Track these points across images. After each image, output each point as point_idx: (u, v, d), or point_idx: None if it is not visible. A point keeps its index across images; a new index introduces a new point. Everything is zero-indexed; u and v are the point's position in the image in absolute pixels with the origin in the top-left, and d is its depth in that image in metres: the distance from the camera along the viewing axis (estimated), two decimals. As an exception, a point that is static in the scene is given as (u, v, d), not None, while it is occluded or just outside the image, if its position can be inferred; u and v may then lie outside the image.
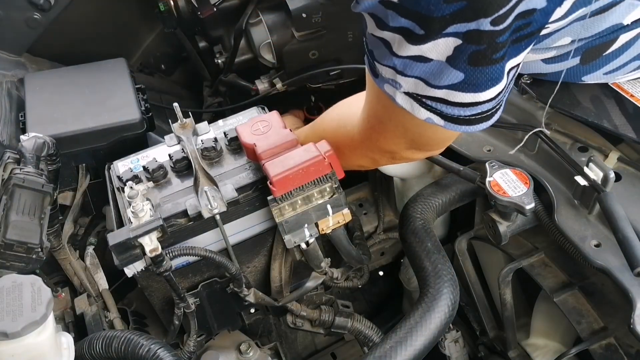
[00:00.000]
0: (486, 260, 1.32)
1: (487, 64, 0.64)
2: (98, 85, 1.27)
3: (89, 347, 0.93)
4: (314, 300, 1.21)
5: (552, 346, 1.24)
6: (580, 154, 1.00)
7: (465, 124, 0.73)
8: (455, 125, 0.73)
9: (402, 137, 0.84)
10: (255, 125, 1.02)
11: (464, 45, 0.61)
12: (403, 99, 0.73)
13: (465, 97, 0.68)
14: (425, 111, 0.72)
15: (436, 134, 0.82)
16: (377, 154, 0.94)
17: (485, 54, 0.62)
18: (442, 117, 0.72)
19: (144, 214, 0.92)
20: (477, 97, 0.68)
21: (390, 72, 0.71)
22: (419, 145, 0.86)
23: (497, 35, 0.60)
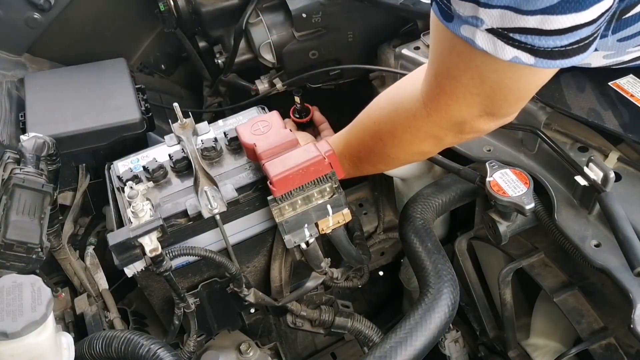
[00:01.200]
0: (486, 260, 1.32)
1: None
2: (98, 85, 1.27)
3: (89, 347, 0.93)
4: (314, 300, 1.21)
5: (552, 346, 1.24)
6: (580, 154, 1.00)
7: (560, 57, 0.64)
8: (549, 61, 0.64)
9: (477, 94, 0.76)
10: (255, 125, 1.02)
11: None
12: (484, 39, 0.65)
13: (564, 21, 0.60)
14: (511, 49, 0.64)
15: (520, 81, 0.73)
16: (443, 130, 0.85)
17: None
18: (532, 53, 0.64)
19: (144, 214, 0.92)
20: (578, 18, 0.60)
21: (470, 8, 0.64)
22: (496, 106, 0.78)
23: None
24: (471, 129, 0.83)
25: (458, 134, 0.86)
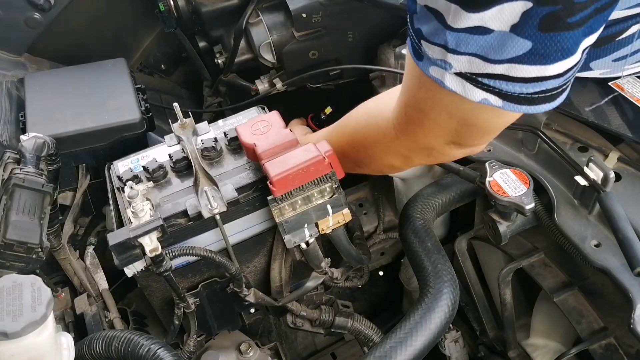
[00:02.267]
0: (486, 260, 1.32)
1: (560, 29, 0.55)
2: (98, 85, 1.27)
3: (89, 347, 0.93)
4: (314, 300, 1.21)
5: (552, 346, 1.24)
6: (580, 154, 1.00)
7: (527, 104, 0.65)
8: (515, 105, 0.65)
9: (445, 128, 0.76)
10: (255, 125, 1.02)
11: (535, 9, 0.54)
12: (453, 81, 0.65)
13: (530, 71, 0.60)
14: (480, 92, 0.64)
15: (489, 120, 0.73)
16: (412, 151, 0.87)
17: (559, 17, 0.54)
18: (500, 97, 0.64)
19: (144, 214, 0.92)
20: (544, 70, 0.60)
21: (439, 52, 0.64)
22: (463, 138, 0.78)
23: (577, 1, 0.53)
24: (439, 154, 0.84)
25: (426, 157, 0.87)
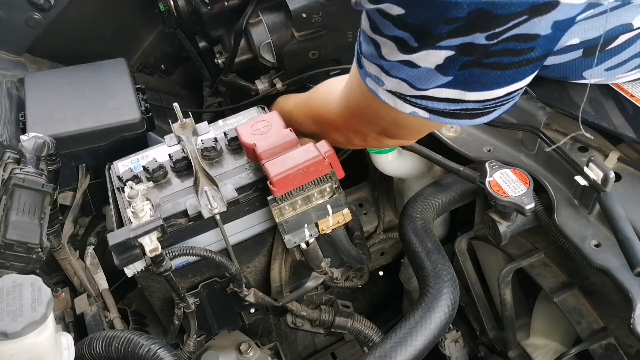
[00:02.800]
0: (486, 260, 1.32)
1: (477, 67, 0.64)
2: (98, 85, 1.27)
3: (89, 347, 0.93)
4: (314, 300, 1.21)
5: (552, 346, 1.24)
6: (580, 154, 1.00)
7: (451, 117, 0.72)
8: (441, 118, 0.73)
9: (377, 124, 0.86)
10: (255, 125, 1.02)
11: (456, 56, 0.62)
12: (386, 95, 0.73)
13: (452, 94, 0.68)
14: (409, 106, 0.72)
15: (418, 125, 0.83)
16: (350, 133, 0.97)
17: (476, 62, 0.63)
18: (427, 111, 0.72)
19: (144, 214, 0.92)
20: (464, 95, 0.68)
21: (375, 70, 0.71)
22: (394, 134, 0.88)
23: (491, 47, 0.60)
24: (372, 140, 0.93)
25: (362, 141, 0.97)
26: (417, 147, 1.09)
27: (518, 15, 0.56)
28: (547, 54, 0.64)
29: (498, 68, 0.64)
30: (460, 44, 0.60)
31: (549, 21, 0.58)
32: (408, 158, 1.24)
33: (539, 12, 0.57)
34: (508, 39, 0.59)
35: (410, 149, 1.10)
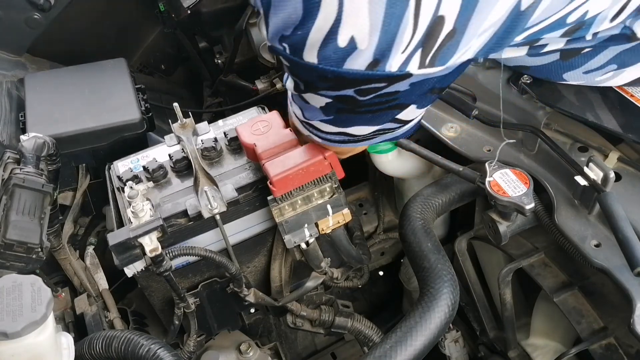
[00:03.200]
0: (486, 260, 1.32)
1: (352, 113, 0.76)
2: (98, 85, 1.27)
3: (89, 347, 0.93)
4: (314, 300, 1.21)
5: (552, 346, 1.24)
6: (580, 154, 1.00)
7: (338, 143, 0.88)
8: (330, 143, 0.89)
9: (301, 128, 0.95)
10: (255, 125, 1.02)
11: (334, 103, 0.74)
12: (294, 117, 0.89)
13: (333, 129, 0.83)
14: (305, 129, 0.89)
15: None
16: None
17: (351, 109, 0.75)
18: (317, 137, 0.89)
19: (144, 214, 0.92)
20: (343, 129, 0.82)
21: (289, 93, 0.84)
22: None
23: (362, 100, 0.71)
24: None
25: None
26: (417, 148, 1.09)
27: (378, 81, 0.68)
28: (411, 101, 0.76)
29: (369, 112, 0.76)
30: (336, 95, 0.72)
31: (406, 84, 0.69)
32: (408, 158, 1.23)
33: (396, 81, 0.68)
34: (375, 96, 0.71)
35: (410, 149, 1.10)
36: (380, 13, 0.60)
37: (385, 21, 0.60)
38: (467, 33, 0.64)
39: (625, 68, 0.88)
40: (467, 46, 0.67)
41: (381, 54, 0.63)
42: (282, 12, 0.63)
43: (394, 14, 0.60)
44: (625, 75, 0.90)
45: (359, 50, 0.63)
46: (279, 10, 0.64)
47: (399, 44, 0.63)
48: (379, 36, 0.62)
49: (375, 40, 0.62)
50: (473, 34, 0.65)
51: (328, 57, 0.64)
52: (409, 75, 0.66)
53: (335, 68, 0.65)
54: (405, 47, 0.63)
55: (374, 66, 0.65)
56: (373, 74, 0.65)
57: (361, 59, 0.64)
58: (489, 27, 0.66)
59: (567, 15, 0.74)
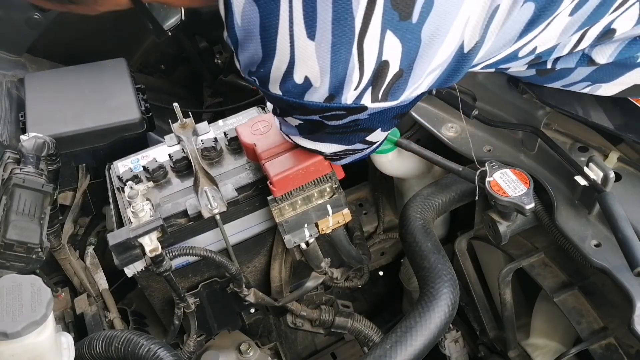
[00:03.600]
0: (486, 260, 1.32)
1: (323, 133, 0.85)
2: (98, 85, 1.27)
3: (89, 347, 0.93)
4: (314, 300, 1.21)
5: (552, 346, 1.24)
6: (580, 154, 1.00)
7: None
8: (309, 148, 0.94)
9: None
10: (255, 125, 1.02)
11: (305, 125, 0.84)
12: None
13: (309, 144, 0.91)
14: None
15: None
16: None
17: (321, 130, 0.83)
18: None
19: (144, 214, 0.92)
20: (317, 146, 0.91)
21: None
22: None
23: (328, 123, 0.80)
24: None
25: None
26: (417, 148, 1.09)
27: (337, 110, 0.75)
28: (375, 127, 0.84)
29: (337, 133, 0.84)
30: (305, 119, 0.81)
31: (364, 114, 0.76)
32: (408, 158, 1.23)
33: (354, 112, 0.75)
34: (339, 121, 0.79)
35: (410, 149, 1.10)
36: (327, 59, 0.68)
37: (333, 65, 0.68)
38: (414, 74, 0.72)
39: (601, 84, 0.91)
40: (417, 84, 0.74)
41: (335, 90, 0.71)
42: (247, 52, 0.72)
43: (339, 60, 0.68)
44: (604, 89, 0.92)
45: (314, 87, 0.71)
46: (244, 50, 0.72)
47: (349, 83, 0.71)
48: (330, 77, 0.70)
49: (327, 80, 0.70)
50: (420, 74, 0.72)
51: (289, 91, 0.73)
52: (365, 107, 0.74)
53: (297, 100, 0.74)
54: (357, 85, 0.71)
55: (330, 100, 0.73)
56: (331, 105, 0.73)
57: (318, 93, 0.72)
58: (436, 67, 0.73)
59: (517, 51, 0.80)
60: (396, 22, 0.66)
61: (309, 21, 0.66)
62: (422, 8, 0.66)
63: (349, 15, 0.65)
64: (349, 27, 0.66)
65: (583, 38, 0.81)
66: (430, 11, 0.67)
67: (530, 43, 0.79)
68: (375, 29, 0.66)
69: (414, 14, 0.66)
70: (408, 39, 0.68)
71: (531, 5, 0.72)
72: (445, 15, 0.68)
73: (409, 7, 0.66)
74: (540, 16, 0.73)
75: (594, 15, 0.76)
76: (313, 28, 0.66)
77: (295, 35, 0.67)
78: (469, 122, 1.13)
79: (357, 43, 0.67)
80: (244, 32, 0.70)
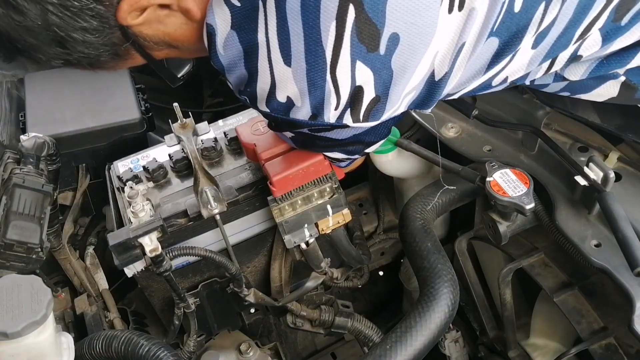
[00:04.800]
0: (486, 260, 1.32)
1: (312, 146, 0.91)
2: (98, 85, 1.27)
3: (89, 347, 0.93)
4: (314, 300, 1.21)
5: (552, 346, 1.24)
6: (580, 154, 1.00)
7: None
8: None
9: None
10: (255, 125, 1.02)
11: (296, 137, 0.89)
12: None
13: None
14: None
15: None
16: None
17: (310, 142, 0.89)
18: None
19: (144, 214, 0.92)
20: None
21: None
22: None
23: (318, 135, 0.84)
24: None
25: None
26: (417, 148, 1.09)
27: (323, 126, 0.79)
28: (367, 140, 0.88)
29: (326, 145, 0.88)
30: (296, 131, 0.85)
31: (349, 132, 0.82)
32: (408, 158, 1.23)
33: (338, 128, 0.80)
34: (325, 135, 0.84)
35: (410, 149, 1.10)
36: (304, 84, 0.73)
37: (310, 89, 0.74)
38: (391, 99, 0.77)
39: (579, 95, 0.93)
40: (395, 107, 0.79)
41: (316, 110, 0.76)
42: (234, 74, 0.78)
43: (316, 85, 0.73)
44: (586, 97, 0.94)
45: (297, 106, 0.76)
46: (232, 73, 0.78)
47: (328, 104, 0.75)
48: (309, 99, 0.75)
49: (307, 101, 0.75)
50: (397, 99, 0.77)
51: (276, 109, 0.78)
52: (347, 126, 0.79)
53: (284, 116, 0.78)
54: (336, 106, 0.76)
55: (314, 118, 0.77)
56: (315, 123, 0.78)
57: (301, 112, 0.77)
58: (412, 90, 0.78)
59: (490, 80, 0.85)
60: (365, 53, 0.71)
61: (284, 50, 0.72)
62: (387, 42, 0.71)
63: (319, 47, 0.70)
64: (321, 57, 0.71)
65: (553, 64, 0.85)
66: (397, 45, 0.71)
67: (501, 74, 0.83)
68: (345, 60, 0.71)
69: (380, 47, 0.71)
70: (378, 69, 0.73)
71: (495, 40, 0.77)
72: (413, 51, 0.72)
73: (375, 41, 0.70)
74: (505, 50, 0.78)
75: (556, 46, 0.81)
76: (288, 56, 0.72)
77: (274, 61, 0.73)
78: (468, 122, 1.13)
79: (330, 71, 0.72)
80: (228, 59, 0.76)
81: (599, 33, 0.82)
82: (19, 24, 0.71)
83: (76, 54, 0.76)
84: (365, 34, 0.69)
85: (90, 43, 0.75)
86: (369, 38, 0.70)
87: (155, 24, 0.77)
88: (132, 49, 0.80)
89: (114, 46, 0.78)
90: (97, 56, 0.78)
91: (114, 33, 0.76)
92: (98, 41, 0.75)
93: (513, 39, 0.77)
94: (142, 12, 0.74)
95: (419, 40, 0.71)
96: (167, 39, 0.80)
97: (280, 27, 0.70)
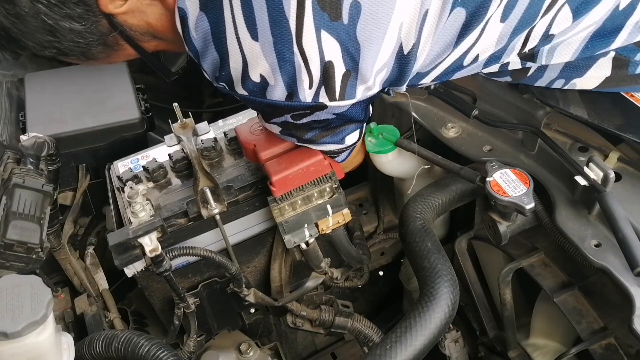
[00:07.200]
0: (486, 260, 1.32)
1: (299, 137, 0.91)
2: (98, 85, 1.27)
3: (89, 347, 0.93)
4: (314, 300, 1.21)
5: (552, 346, 1.24)
6: (580, 154, 1.00)
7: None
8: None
9: None
10: (255, 125, 1.02)
11: (283, 129, 0.90)
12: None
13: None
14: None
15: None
16: None
17: (297, 132, 0.90)
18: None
19: (144, 214, 0.92)
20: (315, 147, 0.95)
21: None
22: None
23: (299, 123, 0.85)
24: None
25: None
26: (417, 148, 1.09)
27: (302, 109, 0.80)
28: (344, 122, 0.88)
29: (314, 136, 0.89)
30: (282, 121, 0.86)
31: (328, 112, 0.82)
32: (408, 158, 1.23)
33: (316, 109, 0.80)
34: (311, 121, 0.85)
35: (410, 149, 1.10)
36: (273, 57, 0.73)
37: (280, 64, 0.74)
38: (361, 73, 0.77)
39: (574, 80, 0.94)
40: (368, 83, 0.79)
41: (290, 88, 0.77)
42: (207, 59, 0.78)
43: (285, 58, 0.73)
44: (581, 83, 0.95)
45: (271, 85, 0.77)
46: (205, 58, 0.78)
47: (301, 81, 0.76)
48: (281, 75, 0.75)
49: (279, 78, 0.75)
50: (367, 74, 0.78)
51: (252, 90, 0.78)
52: (324, 105, 0.79)
53: (262, 99, 0.79)
54: (309, 84, 0.76)
55: (290, 98, 0.78)
56: (292, 104, 0.79)
57: (277, 92, 0.77)
58: (383, 67, 0.79)
59: (461, 59, 0.85)
60: (328, 22, 0.72)
61: (250, 24, 0.72)
62: (349, 10, 0.71)
63: (282, 17, 0.71)
64: (285, 27, 0.71)
65: (527, 41, 0.85)
66: (360, 14, 0.72)
67: (471, 51, 0.84)
68: (310, 29, 0.72)
69: (342, 15, 0.72)
70: (345, 40, 0.73)
71: (462, 10, 0.77)
72: (376, 20, 0.73)
73: (337, 8, 0.71)
74: (472, 21, 0.78)
75: (525, 19, 0.81)
76: (255, 30, 0.72)
77: (241, 38, 0.73)
78: (468, 122, 1.13)
79: (297, 42, 0.72)
80: (200, 42, 0.76)
81: (568, 8, 0.82)
82: (9, 12, 0.74)
83: (66, 42, 0.78)
84: (326, 1, 0.70)
85: (77, 31, 0.77)
86: (330, 5, 0.71)
87: (138, 14, 0.78)
88: (121, 39, 0.81)
89: (102, 35, 0.80)
90: (87, 45, 0.80)
91: (100, 21, 0.77)
92: (85, 29, 0.77)
93: (479, 8, 0.77)
94: (126, 1, 0.76)
95: (381, 8, 0.72)
96: (151, 30, 0.81)
97: (244, 1, 0.71)
